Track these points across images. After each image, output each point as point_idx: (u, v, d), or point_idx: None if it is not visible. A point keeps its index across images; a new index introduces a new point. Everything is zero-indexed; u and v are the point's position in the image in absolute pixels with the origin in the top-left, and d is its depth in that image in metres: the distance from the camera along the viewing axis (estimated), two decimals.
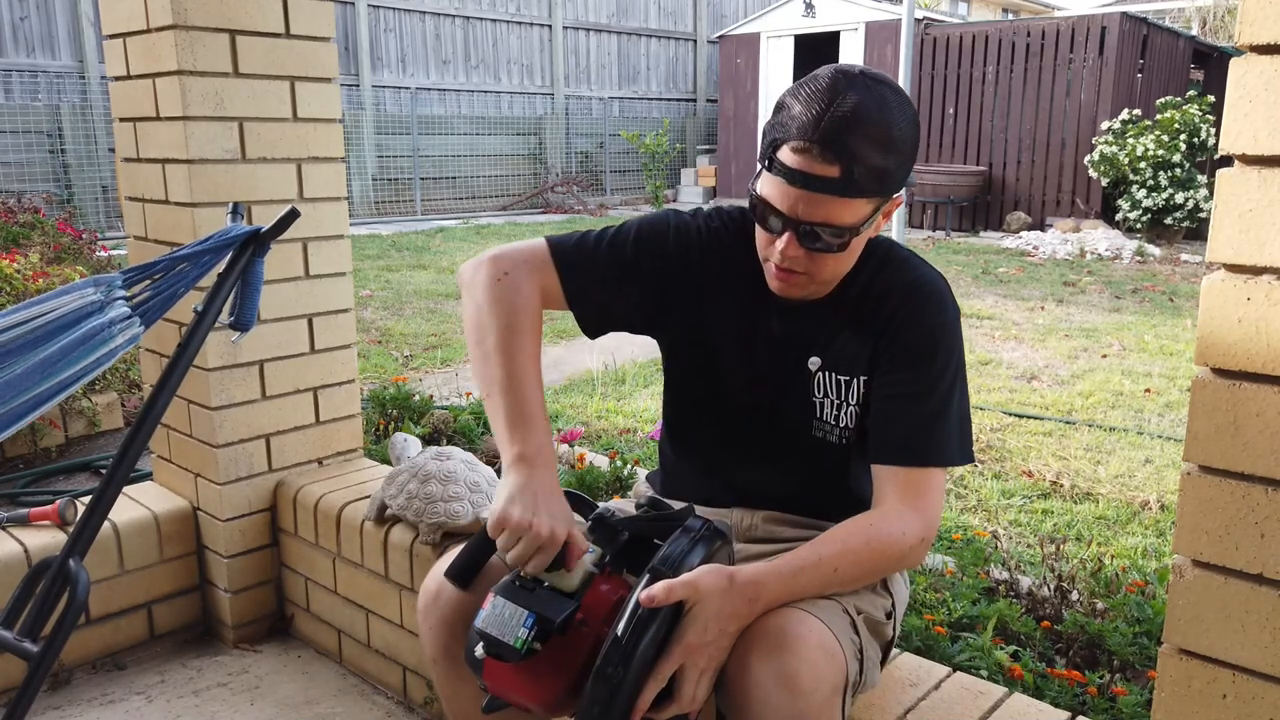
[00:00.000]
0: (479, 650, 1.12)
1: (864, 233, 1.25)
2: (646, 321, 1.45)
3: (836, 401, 1.37)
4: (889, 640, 1.34)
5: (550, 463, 1.24)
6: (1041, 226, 11.63)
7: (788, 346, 1.39)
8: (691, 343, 1.44)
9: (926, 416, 1.28)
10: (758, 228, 1.30)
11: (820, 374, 1.37)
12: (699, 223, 1.42)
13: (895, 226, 7.63)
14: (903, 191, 1.29)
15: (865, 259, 1.36)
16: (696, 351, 1.44)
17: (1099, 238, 10.05)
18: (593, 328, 1.43)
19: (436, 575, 1.30)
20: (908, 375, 1.30)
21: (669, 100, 16.43)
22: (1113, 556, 2.61)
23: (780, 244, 1.24)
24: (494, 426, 1.27)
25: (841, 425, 1.37)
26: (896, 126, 1.18)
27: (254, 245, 1.60)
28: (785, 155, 1.19)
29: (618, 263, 1.39)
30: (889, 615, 1.34)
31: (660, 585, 1.08)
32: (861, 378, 1.35)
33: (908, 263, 1.36)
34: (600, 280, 1.39)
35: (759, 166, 1.26)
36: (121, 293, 1.41)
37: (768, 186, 1.23)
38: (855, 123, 1.15)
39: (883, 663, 1.33)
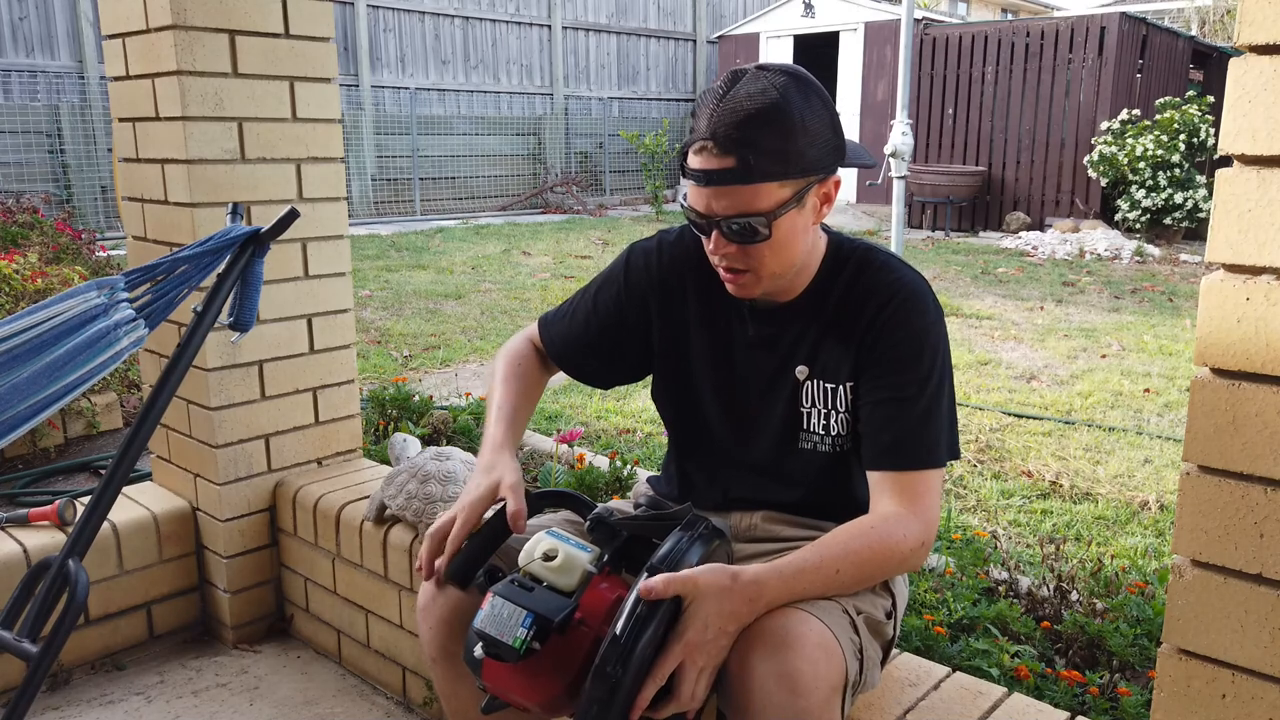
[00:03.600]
0: (478, 650, 1.12)
1: (794, 216, 1.24)
2: (635, 366, 1.53)
3: (824, 410, 1.37)
4: (889, 640, 1.34)
5: (490, 450, 1.39)
6: (1041, 226, 11.63)
7: (767, 353, 1.40)
8: (672, 358, 1.46)
9: (918, 419, 1.28)
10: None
11: (808, 383, 1.37)
12: (659, 245, 1.48)
13: (894, 227, 7.62)
14: (839, 172, 1.30)
15: (842, 262, 1.36)
16: (679, 366, 1.46)
17: (1098, 238, 10.05)
18: (596, 382, 1.58)
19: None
20: (897, 379, 1.30)
21: (668, 100, 16.42)
22: (1112, 556, 2.61)
23: (710, 244, 1.28)
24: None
25: (833, 434, 1.37)
26: (792, 106, 1.20)
27: (253, 246, 1.60)
28: (690, 159, 1.23)
29: (587, 321, 1.52)
30: (889, 615, 1.34)
31: (659, 578, 1.09)
32: (847, 384, 1.35)
33: (887, 265, 1.35)
34: (580, 342, 1.52)
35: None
36: (124, 295, 1.41)
37: (688, 193, 1.27)
38: (743, 112, 1.19)
39: (883, 662, 1.33)
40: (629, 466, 2.55)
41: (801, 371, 1.38)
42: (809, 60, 13.94)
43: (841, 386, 1.35)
